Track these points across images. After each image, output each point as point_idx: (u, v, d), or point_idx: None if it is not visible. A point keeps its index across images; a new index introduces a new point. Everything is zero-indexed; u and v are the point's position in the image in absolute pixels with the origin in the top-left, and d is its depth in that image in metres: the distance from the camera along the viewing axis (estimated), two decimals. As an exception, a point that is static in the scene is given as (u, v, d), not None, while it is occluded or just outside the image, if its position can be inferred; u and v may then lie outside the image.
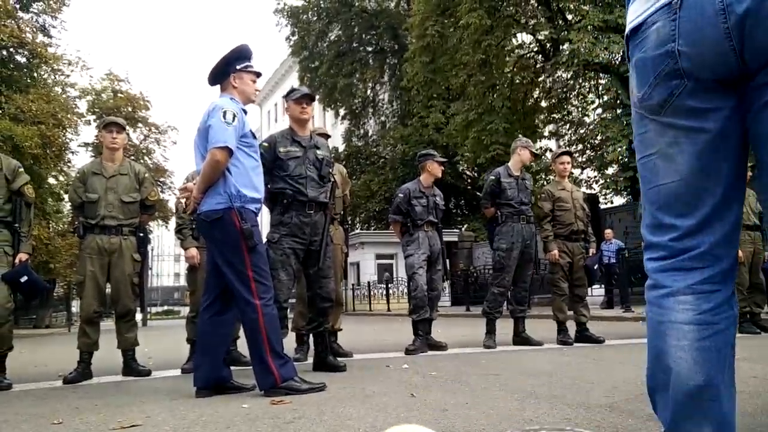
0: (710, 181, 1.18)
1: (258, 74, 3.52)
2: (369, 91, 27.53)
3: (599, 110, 16.23)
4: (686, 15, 1.09)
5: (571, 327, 5.56)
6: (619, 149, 12.88)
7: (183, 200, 3.71)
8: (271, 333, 3.14)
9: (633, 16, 1.23)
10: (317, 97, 27.51)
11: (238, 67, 3.39)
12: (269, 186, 3.90)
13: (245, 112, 3.41)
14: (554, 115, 17.50)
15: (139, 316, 4.79)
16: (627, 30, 1.26)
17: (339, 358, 4.31)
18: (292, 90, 4.12)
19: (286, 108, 4.13)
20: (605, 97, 15.93)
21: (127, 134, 4.93)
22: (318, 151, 4.02)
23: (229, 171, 3.21)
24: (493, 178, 5.53)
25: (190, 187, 3.38)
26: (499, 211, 5.48)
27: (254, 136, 3.44)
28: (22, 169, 4.27)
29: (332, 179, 4.14)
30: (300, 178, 3.90)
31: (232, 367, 3.54)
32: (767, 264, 6.28)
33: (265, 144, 3.95)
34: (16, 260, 4.05)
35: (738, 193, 1.20)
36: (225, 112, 3.19)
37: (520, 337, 5.47)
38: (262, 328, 3.12)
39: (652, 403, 1.31)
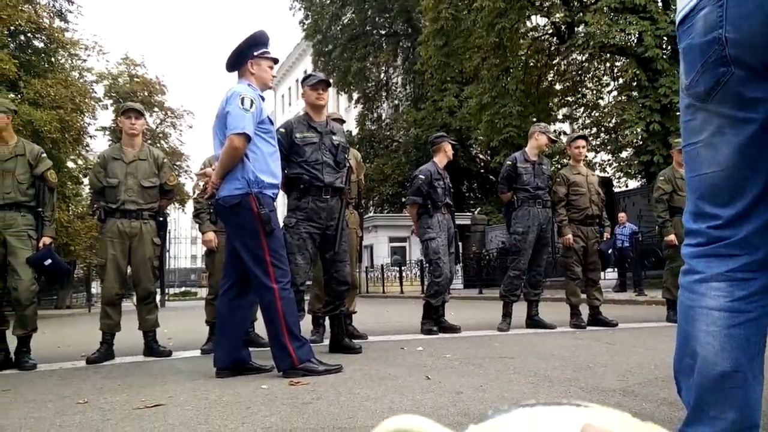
0: (753, 172, 1.17)
1: (275, 60, 3.56)
2: (382, 75, 27.43)
3: (614, 93, 16.04)
4: (733, 1, 1.09)
5: (584, 310, 5.58)
6: (635, 132, 12.75)
7: (201, 184, 3.77)
8: (288, 316, 3.21)
9: (682, 4, 1.22)
10: (331, 80, 27.58)
11: (255, 54, 3.43)
12: (286, 171, 3.95)
13: (263, 98, 3.45)
14: (568, 98, 17.31)
15: (158, 298, 4.88)
16: (677, 18, 1.25)
17: (354, 340, 4.39)
18: (308, 76, 4.14)
19: (302, 93, 4.17)
20: (620, 80, 15.74)
21: (146, 120, 4.99)
22: (334, 137, 4.06)
23: (247, 157, 3.26)
24: (510, 163, 5.54)
25: (208, 172, 3.44)
26: (515, 196, 5.50)
27: (272, 122, 3.48)
28: (44, 155, 4.36)
29: (348, 164, 4.18)
30: (316, 163, 3.95)
31: (250, 349, 3.62)
32: None
33: (282, 130, 3.99)
34: (40, 244, 4.16)
35: None
36: (243, 99, 3.23)
37: (533, 320, 5.52)
38: (280, 312, 3.19)
39: (678, 386, 1.32)
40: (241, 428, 2.12)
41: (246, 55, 3.42)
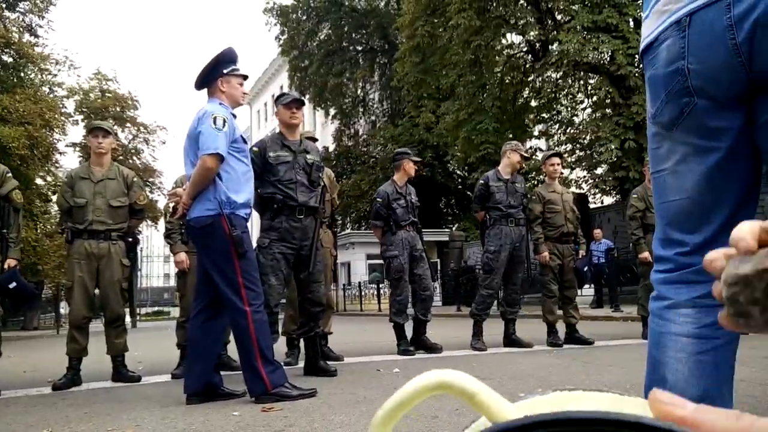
0: (718, 199, 1.17)
1: (245, 77, 3.53)
2: (359, 91, 27.51)
3: (588, 110, 16.31)
4: (695, 32, 1.09)
5: (561, 328, 5.59)
6: (610, 149, 12.95)
7: (172, 204, 3.70)
8: (261, 339, 3.14)
9: (646, 33, 1.23)
10: (307, 96, 27.59)
11: (224, 71, 3.39)
12: (259, 191, 3.89)
13: (234, 116, 3.40)
14: (543, 115, 17.57)
15: (128, 319, 4.76)
16: (641, 46, 1.26)
17: (330, 362, 4.32)
18: (282, 94, 4.11)
19: (276, 112, 4.12)
20: (594, 98, 16.02)
21: (116, 135, 4.88)
22: (308, 156, 4.02)
23: (219, 177, 3.20)
24: (482, 182, 5.56)
25: (179, 192, 3.37)
26: (488, 215, 5.50)
27: (245, 141, 3.43)
28: (10, 175, 4.24)
29: (322, 183, 4.14)
30: (290, 182, 3.90)
31: (222, 372, 3.54)
32: None
33: (256, 149, 3.94)
34: (5, 266, 4.03)
35: (748, 209, 1.19)
36: (215, 118, 3.18)
37: (510, 339, 5.50)
38: (252, 335, 3.12)
39: None
40: (209, 460, 2.04)
41: (215, 73, 3.38)
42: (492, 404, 0.25)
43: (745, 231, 0.35)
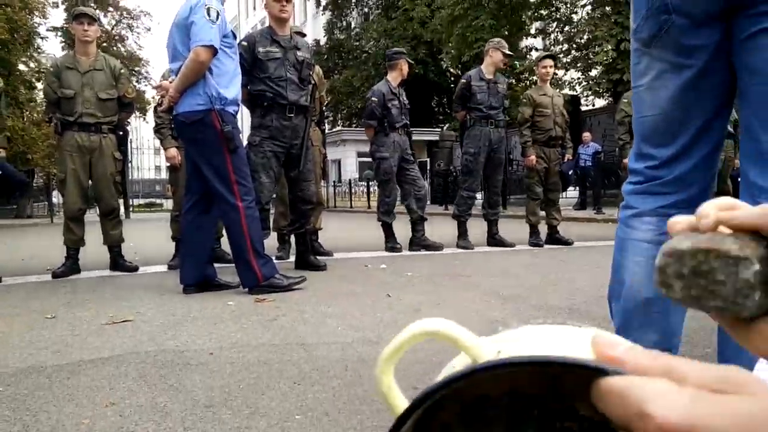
0: (690, 115, 1.23)
1: None
2: (352, -21, 26.24)
3: (588, 8, 15.74)
4: None
5: (544, 229, 5.79)
6: (606, 50, 12.67)
7: (158, 98, 3.67)
8: (253, 234, 3.26)
9: None
10: (298, -16, 26.24)
11: None
12: (248, 87, 3.87)
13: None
14: (542, 12, 16.95)
15: (122, 212, 4.86)
16: None
17: (320, 257, 4.50)
18: (272, -14, 3.97)
19: (265, 5, 4.00)
20: (596, -6, 15.42)
21: (100, 23, 4.74)
22: (298, 53, 3.96)
23: (210, 71, 3.17)
24: (464, 81, 5.50)
25: (165, 85, 3.33)
26: (468, 115, 5.50)
27: (234, 36, 3.37)
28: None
29: (313, 81, 4.11)
30: (280, 80, 3.87)
31: (216, 265, 3.69)
32: (735, 172, 6.47)
33: (244, 43, 3.87)
34: (-7, 156, 4.05)
35: (720, 122, 1.25)
36: (209, 9, 3.10)
37: (494, 239, 5.70)
38: (245, 229, 3.23)
39: (610, 310, 1.44)
40: (208, 344, 2.22)
41: None
42: (470, 346, 0.32)
43: (710, 208, 0.36)
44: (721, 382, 0.25)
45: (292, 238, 4.43)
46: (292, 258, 4.45)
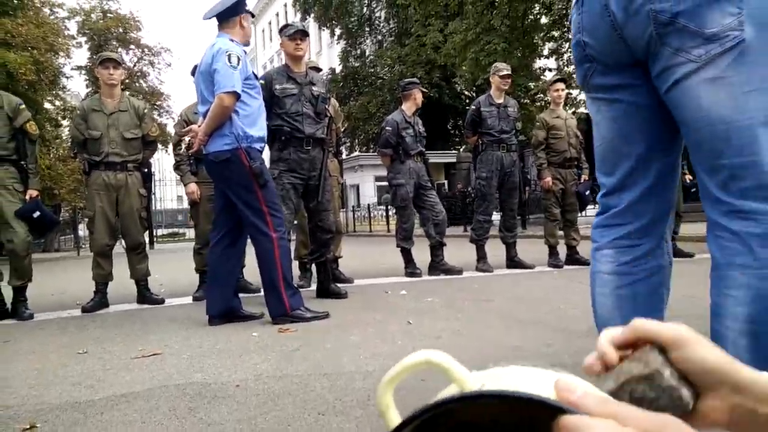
0: (627, 144, 1.31)
1: (251, 14, 3.64)
2: (365, 9, 26.68)
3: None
4: (586, 10, 1.25)
5: (563, 250, 5.79)
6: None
7: (187, 140, 3.82)
8: (284, 264, 3.37)
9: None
10: (312, 15, 26.77)
11: (246, 8, 3.48)
12: (267, 123, 3.99)
13: (246, 53, 3.48)
14: (554, 33, 17.08)
15: (146, 241, 4.99)
16: None
17: (340, 285, 4.56)
18: (286, 26, 4.12)
19: (281, 44, 4.15)
20: (608, 12, 15.48)
21: (124, 68, 4.93)
22: (314, 88, 4.08)
23: (236, 113, 3.31)
24: (474, 107, 5.61)
25: (195, 128, 3.48)
26: (480, 140, 5.58)
27: (256, 77, 3.52)
28: (23, 106, 4.34)
29: (328, 114, 4.22)
30: (297, 115, 3.99)
31: (240, 295, 3.77)
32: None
33: (261, 81, 4.00)
34: (27, 197, 4.21)
35: (659, 154, 1.31)
36: (230, 56, 3.25)
37: (513, 262, 5.72)
38: (277, 259, 3.33)
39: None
40: (234, 376, 2.28)
41: (239, 8, 3.43)
42: (458, 378, 0.37)
43: (604, 343, 0.42)
44: (659, 428, 0.32)
45: (313, 267, 4.51)
46: (314, 286, 4.53)
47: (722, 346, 0.58)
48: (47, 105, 18.71)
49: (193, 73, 3.89)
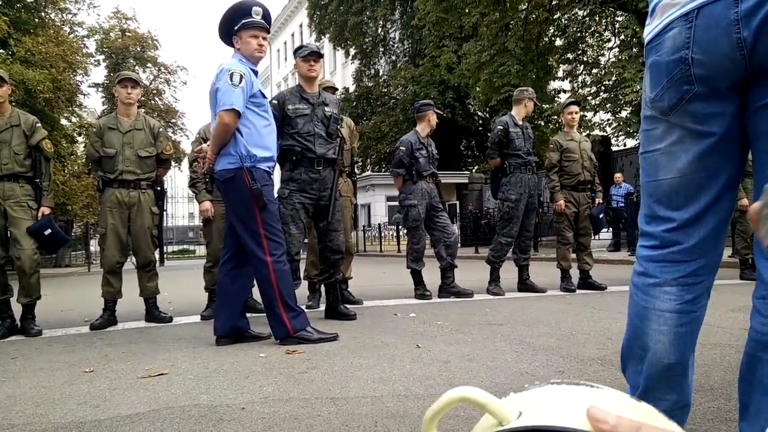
0: (709, 179, 1.25)
1: (259, 26, 3.42)
2: (380, 30, 26.96)
3: (615, 50, 15.84)
4: (701, 24, 1.15)
5: (576, 274, 5.72)
6: (635, 90, 12.67)
7: (200, 160, 3.83)
8: (282, 288, 3.33)
9: (653, 26, 1.28)
10: (327, 36, 27.09)
11: (236, 28, 3.41)
12: (279, 143, 4.00)
13: (255, 72, 3.47)
14: (569, 56, 17.10)
15: (157, 257, 4.99)
16: (646, 38, 1.31)
17: (349, 306, 4.53)
18: (300, 47, 4.15)
19: (294, 65, 4.17)
20: (622, 36, 15.52)
21: (142, 87, 4.99)
22: (326, 108, 4.09)
23: (239, 132, 3.31)
24: (501, 128, 5.53)
25: (205, 148, 3.50)
26: (507, 162, 5.54)
27: (264, 96, 3.51)
28: (39, 125, 4.39)
29: (340, 135, 4.22)
30: (308, 135, 4.00)
31: (249, 314, 3.76)
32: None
33: (275, 102, 4.03)
34: (39, 214, 4.24)
35: (732, 190, 1.29)
36: (232, 74, 3.27)
37: (525, 285, 5.66)
38: (274, 284, 3.31)
39: (623, 367, 1.46)
40: (240, 398, 2.25)
41: (229, 29, 3.44)
42: (494, 410, 0.38)
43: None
44: None
45: (323, 288, 4.48)
46: (323, 306, 4.50)
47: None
48: (64, 121, 18.97)
49: None
